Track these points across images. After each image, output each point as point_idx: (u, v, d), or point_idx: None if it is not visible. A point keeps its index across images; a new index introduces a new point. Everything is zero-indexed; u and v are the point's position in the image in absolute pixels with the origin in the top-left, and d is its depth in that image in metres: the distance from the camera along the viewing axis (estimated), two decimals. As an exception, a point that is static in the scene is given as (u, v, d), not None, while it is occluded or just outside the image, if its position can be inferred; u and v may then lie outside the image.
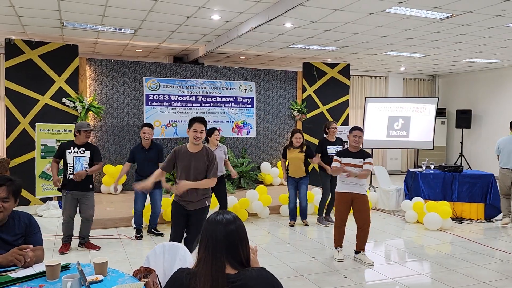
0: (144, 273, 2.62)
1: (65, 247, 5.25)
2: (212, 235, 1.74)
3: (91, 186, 5.27)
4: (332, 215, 6.55)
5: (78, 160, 5.13)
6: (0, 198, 2.51)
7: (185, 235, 4.27)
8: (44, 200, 7.78)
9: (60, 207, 7.42)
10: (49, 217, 7.07)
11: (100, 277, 2.28)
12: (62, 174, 5.26)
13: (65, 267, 2.43)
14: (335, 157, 5.11)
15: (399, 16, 6.36)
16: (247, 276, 1.69)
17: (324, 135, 6.89)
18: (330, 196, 6.79)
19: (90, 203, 5.26)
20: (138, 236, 5.91)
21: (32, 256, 2.44)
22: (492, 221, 7.00)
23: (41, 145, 7.84)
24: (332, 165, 5.10)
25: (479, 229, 6.62)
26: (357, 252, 5.09)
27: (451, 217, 6.66)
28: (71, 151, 5.14)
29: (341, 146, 6.69)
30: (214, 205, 6.72)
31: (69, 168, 5.12)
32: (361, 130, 5.03)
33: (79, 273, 2.16)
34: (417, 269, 4.83)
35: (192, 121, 3.97)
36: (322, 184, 6.82)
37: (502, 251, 5.46)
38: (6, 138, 7.85)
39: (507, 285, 4.31)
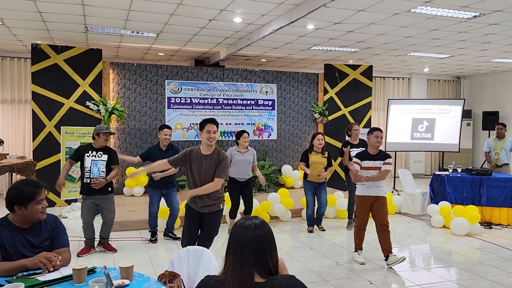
0: (169, 277, 2.61)
1: (84, 250, 5.25)
2: (240, 242, 1.70)
3: (109, 189, 5.22)
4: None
5: (95, 164, 5.08)
6: (43, 199, 2.59)
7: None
8: (68, 202, 7.91)
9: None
10: (73, 219, 7.16)
11: (126, 282, 2.26)
12: (80, 177, 5.30)
13: (91, 271, 2.43)
14: (355, 159, 5.07)
15: (425, 16, 6.22)
16: (276, 285, 1.65)
17: (347, 138, 6.77)
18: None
19: (110, 207, 5.25)
20: (153, 239, 5.84)
21: (60, 261, 2.45)
22: (522, 226, 6.78)
23: (66, 147, 7.98)
24: (350, 168, 5.03)
25: (509, 234, 6.39)
26: (386, 257, 4.87)
27: (479, 222, 6.46)
28: (89, 154, 5.11)
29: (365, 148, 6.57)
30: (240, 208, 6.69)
31: (86, 172, 5.08)
32: (381, 130, 5.02)
33: (105, 277, 2.16)
34: (444, 276, 4.68)
35: (204, 123, 3.90)
36: (348, 187, 6.69)
37: (534, 258, 5.25)
38: (33, 141, 8.02)
39: (541, 294, 4.14)
